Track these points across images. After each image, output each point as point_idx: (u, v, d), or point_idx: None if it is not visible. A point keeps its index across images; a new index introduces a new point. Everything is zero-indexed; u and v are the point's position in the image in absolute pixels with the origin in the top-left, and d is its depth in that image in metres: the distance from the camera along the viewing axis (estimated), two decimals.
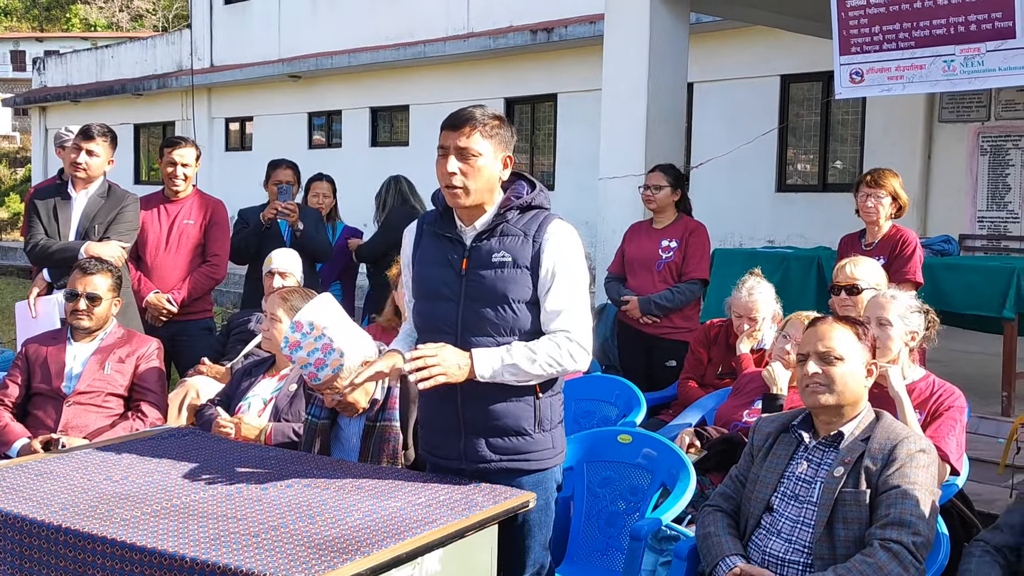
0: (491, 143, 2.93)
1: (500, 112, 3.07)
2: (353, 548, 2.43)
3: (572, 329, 2.93)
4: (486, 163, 2.92)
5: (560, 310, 2.93)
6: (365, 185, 7.46)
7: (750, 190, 11.84)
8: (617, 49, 7.09)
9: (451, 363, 2.83)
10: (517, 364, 2.88)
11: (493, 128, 2.93)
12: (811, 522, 2.96)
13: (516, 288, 2.93)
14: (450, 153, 2.91)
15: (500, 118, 2.99)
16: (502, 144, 2.96)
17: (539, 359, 2.89)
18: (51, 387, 4.29)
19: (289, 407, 3.95)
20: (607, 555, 3.75)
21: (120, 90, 21.30)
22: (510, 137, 2.99)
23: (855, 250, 5.12)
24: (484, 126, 2.91)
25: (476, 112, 2.94)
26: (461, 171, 2.90)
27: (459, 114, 2.94)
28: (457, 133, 2.90)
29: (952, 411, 3.64)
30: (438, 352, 2.82)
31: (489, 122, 2.93)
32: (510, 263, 2.93)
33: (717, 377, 5.01)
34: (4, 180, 35.54)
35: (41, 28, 56.83)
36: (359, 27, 16.37)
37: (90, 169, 5.12)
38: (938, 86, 5.50)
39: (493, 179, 2.96)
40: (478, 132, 2.90)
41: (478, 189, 2.93)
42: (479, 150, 2.90)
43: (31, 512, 2.68)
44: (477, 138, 2.90)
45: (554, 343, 2.91)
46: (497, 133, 2.94)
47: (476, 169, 2.91)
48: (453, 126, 2.92)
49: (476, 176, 2.91)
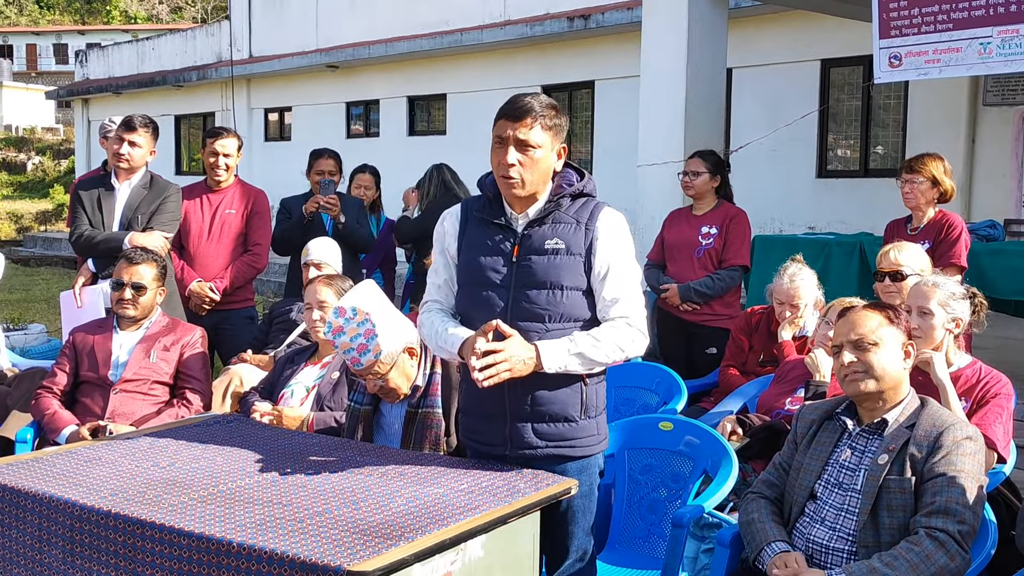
0: (549, 135, 2.91)
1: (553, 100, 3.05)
2: (397, 534, 2.45)
3: (630, 315, 2.94)
4: (544, 155, 2.91)
5: (618, 298, 2.94)
6: (402, 174, 7.50)
7: (791, 176, 11.72)
8: (655, 35, 7.05)
9: (517, 359, 2.83)
10: (583, 352, 2.89)
11: (552, 119, 2.91)
12: (855, 510, 2.94)
13: (568, 275, 2.93)
14: (509, 143, 2.89)
15: (556, 107, 2.96)
16: (559, 135, 2.95)
17: (604, 346, 2.90)
18: (98, 375, 4.36)
19: (332, 394, 3.98)
20: (649, 542, 3.75)
21: (161, 82, 21.51)
22: (565, 126, 2.98)
23: (901, 235, 5.07)
24: (544, 117, 2.89)
25: (535, 103, 2.91)
26: (520, 163, 2.89)
27: (519, 104, 2.90)
28: (517, 124, 2.88)
29: (999, 398, 3.59)
30: (506, 347, 2.82)
31: (548, 113, 2.91)
32: (563, 250, 2.93)
33: (759, 364, 4.98)
34: (48, 172, 36.09)
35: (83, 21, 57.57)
36: (396, 16, 16.40)
37: (132, 160, 5.18)
38: (974, 69, 5.44)
39: (549, 170, 2.96)
40: (539, 124, 2.88)
41: (534, 180, 2.92)
42: (538, 142, 2.89)
43: (81, 498, 2.72)
44: (538, 130, 2.88)
45: (616, 330, 2.93)
46: (555, 124, 2.93)
47: (534, 161, 2.90)
48: (513, 116, 2.89)
49: (534, 168, 2.90)
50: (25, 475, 2.93)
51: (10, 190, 34.59)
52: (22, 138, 39.99)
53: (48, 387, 4.39)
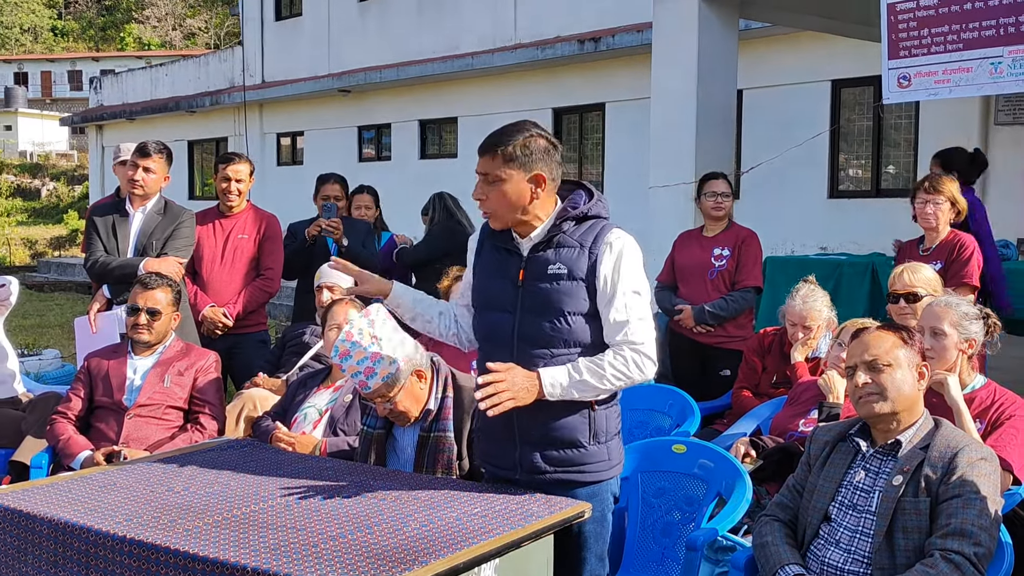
0: (513, 166, 2.91)
1: (539, 124, 3.03)
2: (411, 558, 2.45)
3: (636, 340, 2.91)
4: (509, 188, 2.92)
5: (624, 321, 2.92)
6: (415, 198, 7.51)
7: (802, 197, 11.71)
8: (665, 57, 7.07)
9: (519, 387, 2.84)
10: (585, 380, 2.88)
11: (518, 148, 2.90)
12: (870, 532, 2.93)
13: (571, 300, 2.93)
14: (479, 176, 2.97)
15: (529, 135, 2.93)
16: (530, 163, 2.91)
17: (607, 373, 2.89)
18: (112, 400, 4.38)
19: (345, 417, 3.99)
20: (663, 565, 3.73)
21: (174, 107, 21.67)
22: (542, 152, 2.92)
23: (913, 256, 5.06)
24: (507, 148, 2.90)
25: (502, 135, 2.93)
26: (485, 194, 2.96)
27: (488, 139, 2.97)
28: (482, 159, 2.95)
29: (1014, 420, 3.57)
30: (506, 377, 2.83)
31: (514, 142, 2.91)
32: (565, 275, 2.93)
33: (772, 386, 4.97)
34: (63, 197, 36.34)
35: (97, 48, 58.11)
36: (407, 40, 16.50)
37: (147, 186, 5.22)
38: (984, 89, 5.43)
39: (520, 200, 2.94)
40: (500, 156, 2.91)
41: (503, 213, 2.96)
42: (500, 175, 2.92)
43: (96, 523, 2.73)
44: (499, 163, 2.92)
45: (620, 356, 2.91)
46: (522, 154, 2.90)
47: (499, 194, 2.93)
48: (480, 151, 2.97)
49: (499, 201, 2.94)
50: (40, 500, 2.94)
51: (24, 216, 34.83)
52: (36, 164, 40.30)
53: (63, 412, 4.41)
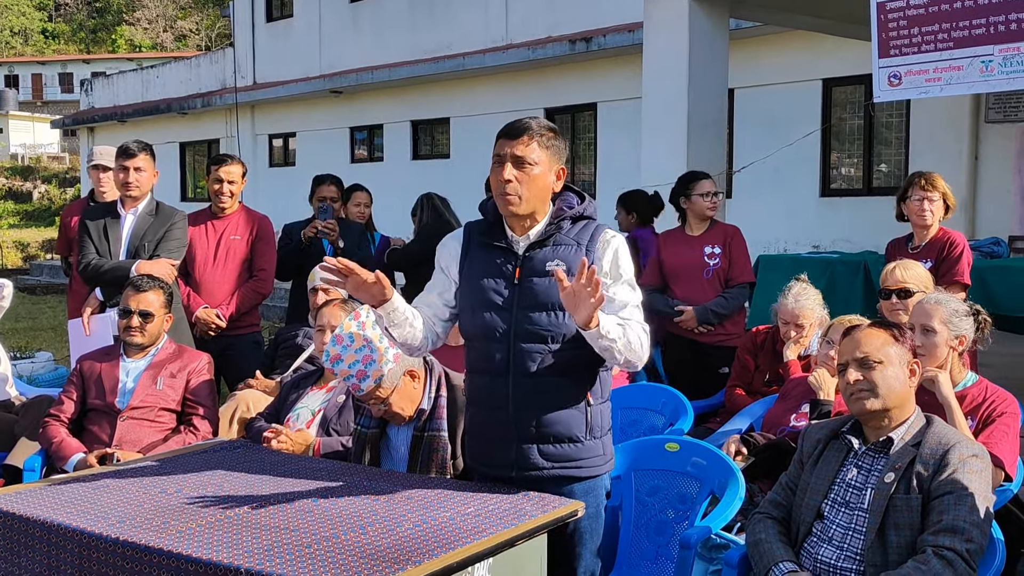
0: (547, 154, 2.97)
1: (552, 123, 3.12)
2: (404, 558, 2.45)
3: (641, 320, 2.96)
4: (541, 173, 2.96)
5: (625, 303, 2.96)
6: (407, 198, 7.50)
7: (794, 196, 11.74)
8: (656, 57, 7.08)
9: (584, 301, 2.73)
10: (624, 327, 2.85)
11: (549, 139, 2.98)
12: (863, 529, 2.94)
13: None
14: (506, 161, 2.95)
15: (555, 130, 3.03)
16: (557, 155, 3.00)
17: (630, 333, 2.87)
18: (105, 402, 4.37)
19: (338, 417, 3.99)
20: (656, 564, 3.74)
21: (166, 109, 21.63)
22: (563, 149, 3.04)
23: (902, 254, 5.07)
24: (541, 136, 2.96)
25: (532, 123, 2.99)
26: (516, 179, 2.94)
27: (516, 124, 2.98)
28: (515, 142, 2.95)
29: (1005, 417, 3.59)
30: None
31: (546, 133, 2.98)
32: (564, 271, 2.94)
33: (764, 384, 4.98)
34: (54, 200, 36.27)
35: (88, 50, 57.96)
36: (399, 41, 16.50)
37: (141, 185, 5.22)
38: (975, 87, 5.45)
39: (546, 190, 3.00)
40: (536, 142, 2.95)
41: (531, 198, 2.97)
42: (535, 159, 2.94)
43: (90, 525, 2.73)
44: (535, 147, 2.95)
45: (633, 326, 2.90)
46: (553, 144, 2.99)
47: (531, 178, 2.95)
48: (510, 135, 2.96)
49: (530, 185, 2.95)
50: (34, 503, 2.94)
51: (16, 219, 34.75)
52: (28, 167, 40.21)
53: (55, 415, 4.40)
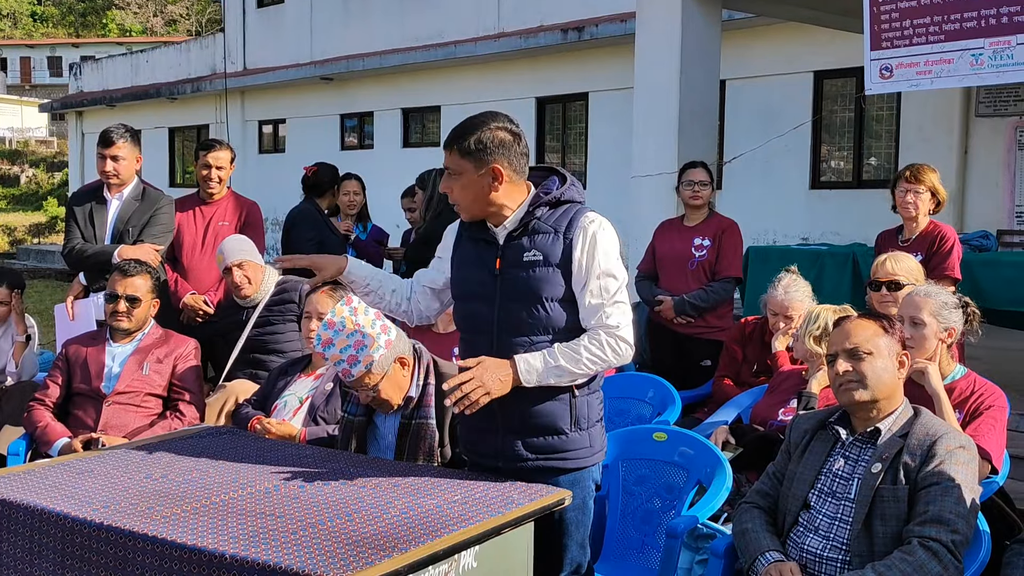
0: (469, 160, 2.92)
1: (503, 115, 2.99)
2: (390, 545, 2.44)
3: (611, 323, 2.91)
4: (467, 181, 2.95)
5: (598, 304, 2.91)
6: (397, 186, 7.47)
7: (784, 187, 11.74)
8: (649, 47, 7.07)
9: (491, 379, 2.83)
10: (561, 365, 2.88)
11: (472, 143, 2.90)
12: (849, 519, 2.94)
13: (549, 287, 2.92)
14: (447, 172, 3.00)
15: (487, 128, 2.91)
16: (486, 157, 2.90)
17: (582, 358, 2.89)
18: (91, 387, 4.35)
19: (325, 405, 3.98)
20: (643, 553, 3.74)
21: (155, 94, 21.50)
22: (499, 145, 2.90)
23: (892, 246, 5.07)
24: (463, 143, 2.92)
25: (462, 129, 2.95)
26: (450, 186, 3.00)
27: (450, 133, 2.98)
28: (445, 153, 2.99)
29: (992, 410, 3.60)
30: (475, 374, 2.82)
31: (470, 138, 2.91)
32: (541, 261, 2.93)
33: (752, 375, 4.99)
34: (42, 184, 36.08)
35: (77, 34, 57.63)
36: (390, 28, 16.43)
37: (120, 173, 5.19)
38: (966, 80, 5.47)
39: (482, 194, 2.95)
40: (456, 151, 2.94)
41: (467, 205, 3.00)
42: (457, 169, 2.96)
43: (73, 510, 2.71)
44: (456, 158, 2.95)
45: (595, 340, 2.90)
46: (476, 148, 2.90)
47: (459, 187, 2.97)
48: (444, 145, 3.00)
49: (461, 192, 2.97)
50: (17, 487, 2.92)
51: (3, 203, 34.55)
52: (16, 151, 39.97)
53: (40, 399, 4.38)
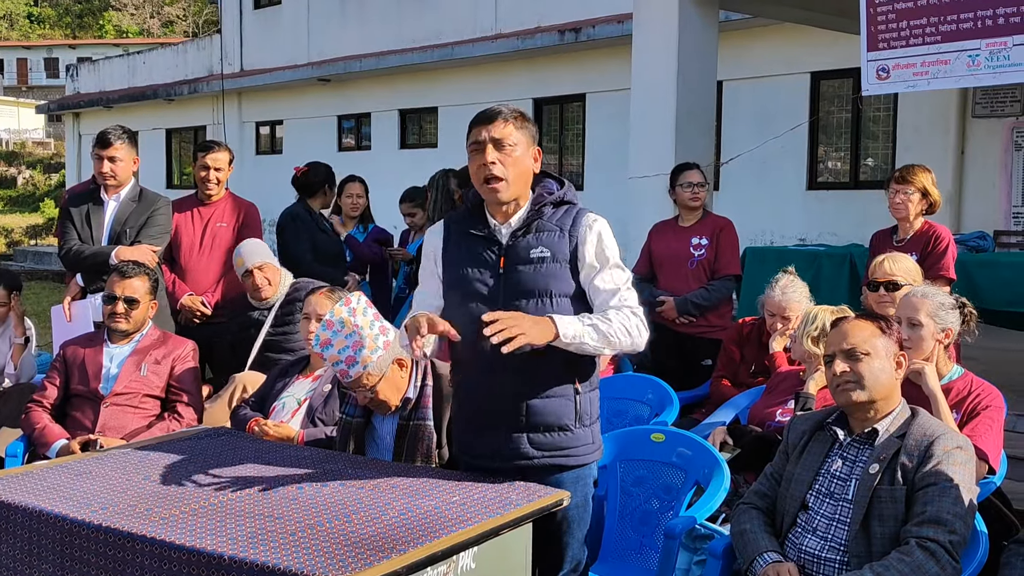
0: (523, 135, 2.98)
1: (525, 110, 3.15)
2: (389, 546, 2.45)
3: (633, 305, 2.97)
4: (521, 154, 2.96)
5: (614, 289, 2.96)
6: (395, 187, 7.47)
7: (781, 188, 11.75)
8: (646, 48, 7.07)
9: (529, 325, 2.77)
10: (597, 326, 2.89)
11: (522, 122, 2.99)
12: (847, 520, 2.95)
13: (557, 282, 2.95)
14: (486, 144, 2.94)
15: (524, 114, 3.05)
16: (531, 137, 3.01)
17: (614, 325, 2.91)
18: (88, 389, 4.35)
19: (323, 407, 3.97)
20: (641, 554, 3.75)
21: (152, 95, 21.47)
22: (535, 132, 3.06)
23: (887, 246, 5.08)
24: (515, 119, 2.98)
25: (503, 107, 3.01)
26: (500, 161, 2.93)
27: (488, 110, 3.00)
28: (491, 126, 2.95)
29: (990, 410, 3.60)
30: (514, 315, 2.79)
31: (518, 116, 3.00)
32: (549, 258, 2.95)
33: (750, 375, 4.99)
34: (39, 186, 36.01)
35: (74, 35, 57.56)
36: (387, 30, 16.42)
37: (117, 175, 5.18)
38: (962, 81, 5.48)
39: (528, 172, 3.01)
40: (511, 124, 2.96)
41: (515, 180, 2.96)
42: (514, 140, 2.95)
43: (72, 511, 2.71)
44: (511, 129, 2.95)
45: (623, 313, 2.94)
46: (525, 126, 3.00)
47: (513, 159, 2.95)
48: (484, 120, 2.97)
49: (514, 166, 2.95)
50: (16, 489, 2.92)
51: (0, 204, 34.49)
52: (12, 152, 39.91)
53: (38, 401, 4.38)
